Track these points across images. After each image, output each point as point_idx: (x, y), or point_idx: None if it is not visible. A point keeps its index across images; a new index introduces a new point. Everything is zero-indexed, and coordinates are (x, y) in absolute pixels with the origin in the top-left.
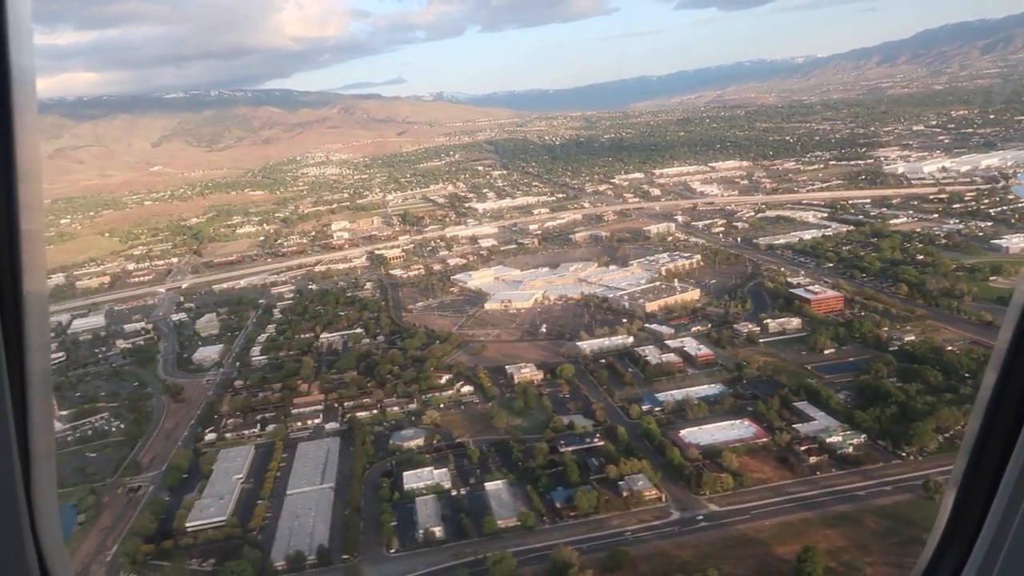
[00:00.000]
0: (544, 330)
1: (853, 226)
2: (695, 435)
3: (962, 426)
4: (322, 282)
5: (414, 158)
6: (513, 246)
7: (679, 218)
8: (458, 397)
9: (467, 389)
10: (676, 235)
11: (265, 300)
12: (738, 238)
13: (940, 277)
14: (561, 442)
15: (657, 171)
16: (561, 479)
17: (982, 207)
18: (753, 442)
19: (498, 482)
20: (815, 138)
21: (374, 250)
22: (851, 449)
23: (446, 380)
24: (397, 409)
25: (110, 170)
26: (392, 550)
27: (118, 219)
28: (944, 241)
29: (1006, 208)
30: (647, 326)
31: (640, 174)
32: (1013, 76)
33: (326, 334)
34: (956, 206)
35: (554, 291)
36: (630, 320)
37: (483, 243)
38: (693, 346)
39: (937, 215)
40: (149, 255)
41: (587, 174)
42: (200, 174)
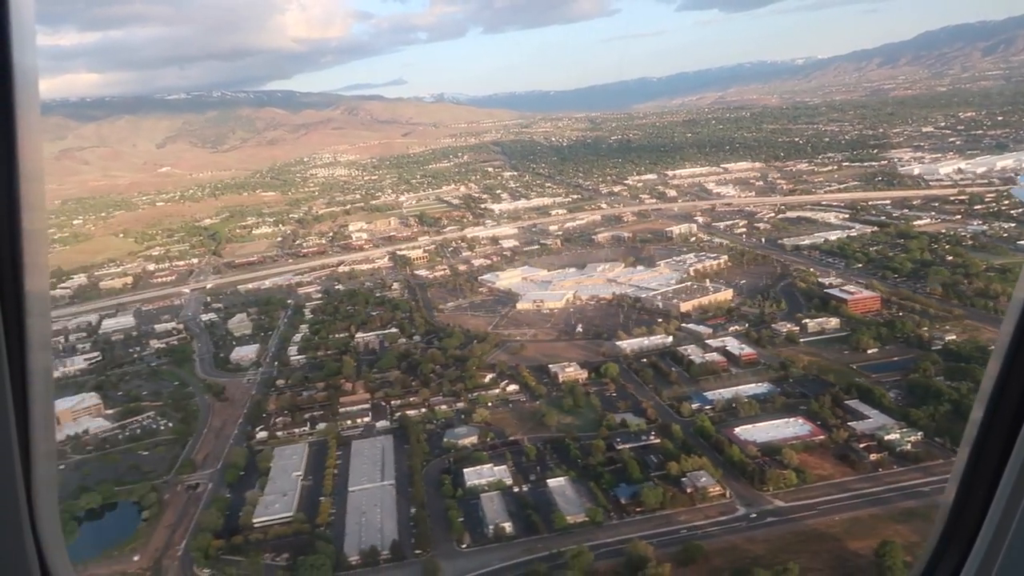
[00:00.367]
0: (580, 330)
1: (877, 227)
2: (750, 433)
3: None
4: (348, 282)
5: (422, 159)
6: (535, 247)
7: (699, 219)
8: (505, 396)
9: (512, 388)
10: (699, 236)
11: (293, 300)
12: (762, 239)
13: (973, 277)
14: (617, 440)
15: (669, 172)
16: (622, 476)
17: (1003, 208)
18: (810, 440)
19: (560, 479)
20: (824, 139)
21: (395, 251)
22: (909, 446)
23: (490, 379)
24: (445, 407)
25: (116, 171)
26: (463, 545)
27: (131, 220)
28: (970, 242)
29: None
30: (684, 326)
31: (652, 175)
32: (1016, 78)
33: (361, 334)
34: (977, 207)
35: (584, 291)
36: (665, 320)
37: (504, 244)
38: (735, 345)
39: (960, 216)
40: (168, 256)
41: (599, 175)
42: (208, 175)
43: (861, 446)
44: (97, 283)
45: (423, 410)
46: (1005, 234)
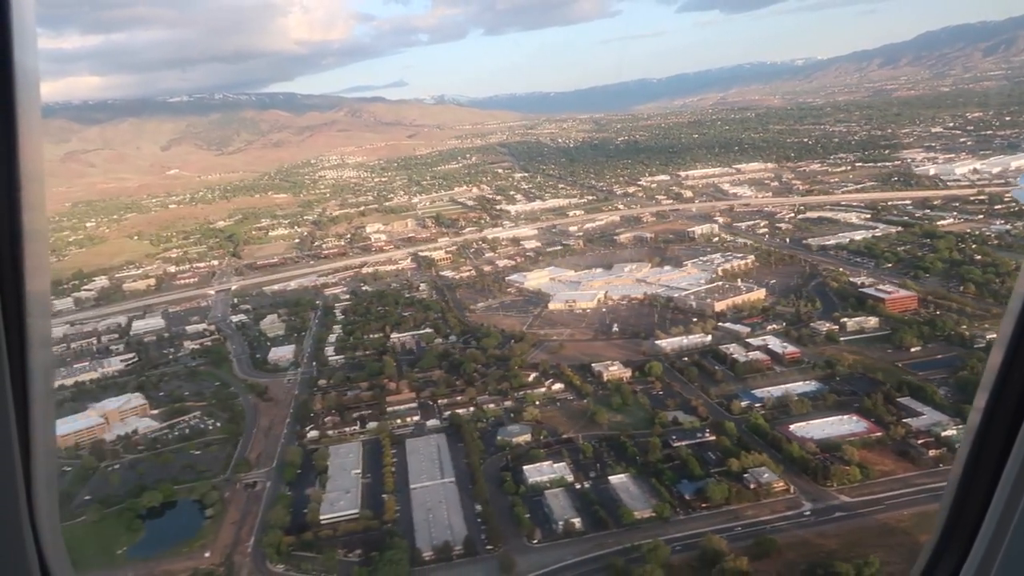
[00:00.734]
0: (616, 329)
1: (901, 227)
2: (805, 430)
3: None
4: (374, 284)
5: (429, 161)
6: (558, 247)
7: (719, 219)
8: (551, 394)
9: (558, 386)
10: (721, 236)
11: (321, 301)
12: (785, 239)
13: (1004, 276)
14: (672, 437)
15: (682, 173)
16: (683, 472)
17: None
18: (867, 436)
19: (621, 476)
20: (834, 140)
21: (416, 252)
22: None
23: (533, 378)
24: (493, 406)
25: (123, 173)
26: (534, 541)
27: (143, 222)
28: (996, 242)
29: None
30: (720, 325)
31: (665, 176)
32: (1019, 78)
33: (396, 334)
34: (998, 207)
35: (614, 291)
36: (700, 319)
37: (526, 244)
38: (777, 344)
39: (982, 216)
40: (187, 258)
41: (611, 176)
42: (216, 177)
43: (919, 442)
44: (120, 285)
45: (471, 409)
46: None
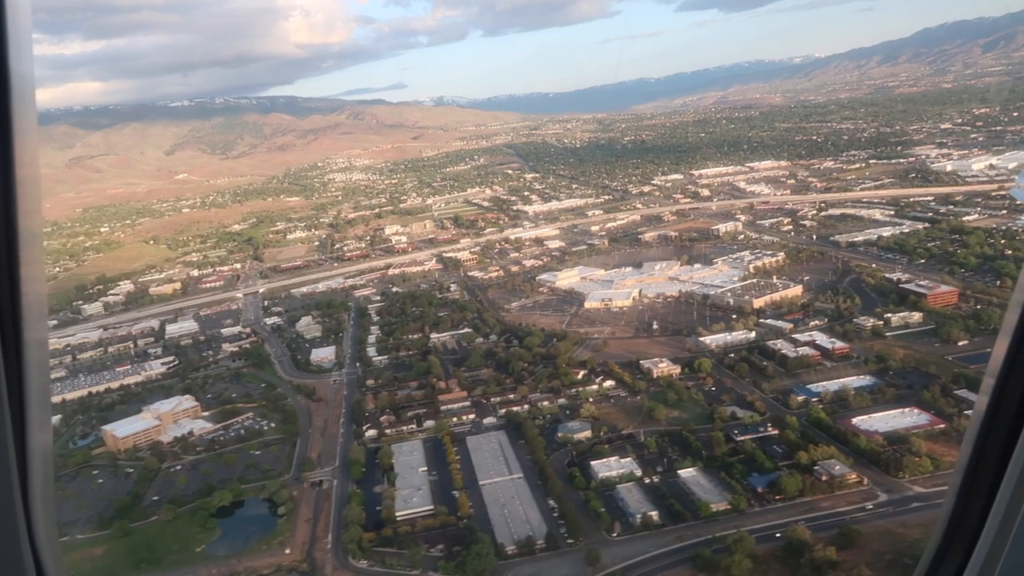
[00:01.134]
0: (655, 327)
1: (927, 223)
2: (868, 423)
3: None
4: (403, 285)
5: (437, 162)
6: (583, 247)
7: (741, 217)
8: (603, 391)
9: (608, 384)
10: (746, 234)
11: (353, 303)
12: (812, 236)
13: None
14: (734, 431)
15: (695, 172)
16: (751, 466)
17: None
18: (930, 428)
19: (689, 470)
20: (843, 137)
21: (440, 253)
22: None
23: (583, 375)
24: (547, 404)
25: (130, 178)
26: (614, 534)
27: (158, 227)
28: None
29: None
30: (762, 321)
31: (678, 175)
32: (1020, 74)
33: (435, 334)
34: (1020, 202)
35: (648, 289)
36: (740, 316)
37: (550, 244)
38: (824, 340)
39: (1005, 211)
40: (208, 262)
41: (622, 176)
42: (225, 181)
43: None
44: (146, 289)
45: (525, 407)
46: None
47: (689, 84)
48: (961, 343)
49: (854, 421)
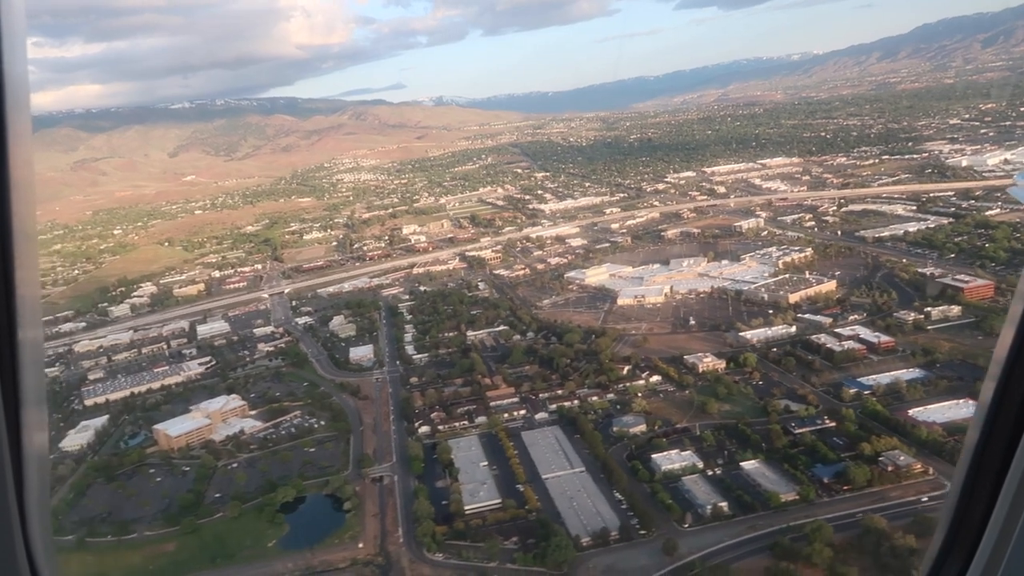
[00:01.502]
0: (692, 322)
1: (951, 218)
2: (925, 415)
3: None
4: (430, 284)
5: (444, 162)
6: (606, 244)
7: (761, 214)
8: (651, 386)
9: (655, 378)
10: (769, 230)
11: (383, 302)
12: (836, 231)
13: None
14: (791, 424)
15: (707, 169)
16: (814, 457)
17: None
18: None
19: (752, 462)
20: (852, 134)
21: (463, 252)
22: None
23: (627, 371)
24: (596, 399)
25: (137, 181)
26: (685, 525)
27: (171, 228)
28: None
29: None
30: (800, 316)
31: (690, 172)
32: (1021, 68)
33: (471, 332)
34: None
35: (679, 285)
36: (776, 311)
37: (572, 242)
38: (869, 334)
39: None
40: (227, 263)
41: (634, 174)
42: (233, 183)
43: None
44: (169, 290)
45: (575, 402)
46: None
47: (688, 82)
48: None
49: (911, 413)
